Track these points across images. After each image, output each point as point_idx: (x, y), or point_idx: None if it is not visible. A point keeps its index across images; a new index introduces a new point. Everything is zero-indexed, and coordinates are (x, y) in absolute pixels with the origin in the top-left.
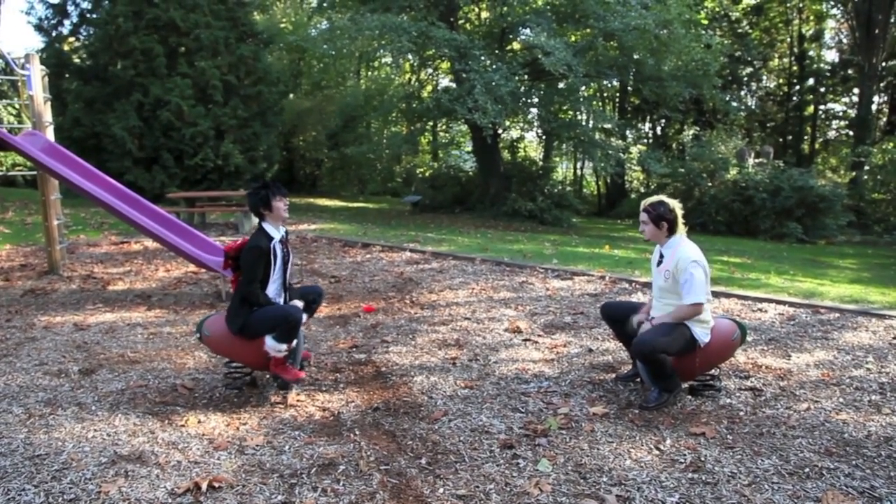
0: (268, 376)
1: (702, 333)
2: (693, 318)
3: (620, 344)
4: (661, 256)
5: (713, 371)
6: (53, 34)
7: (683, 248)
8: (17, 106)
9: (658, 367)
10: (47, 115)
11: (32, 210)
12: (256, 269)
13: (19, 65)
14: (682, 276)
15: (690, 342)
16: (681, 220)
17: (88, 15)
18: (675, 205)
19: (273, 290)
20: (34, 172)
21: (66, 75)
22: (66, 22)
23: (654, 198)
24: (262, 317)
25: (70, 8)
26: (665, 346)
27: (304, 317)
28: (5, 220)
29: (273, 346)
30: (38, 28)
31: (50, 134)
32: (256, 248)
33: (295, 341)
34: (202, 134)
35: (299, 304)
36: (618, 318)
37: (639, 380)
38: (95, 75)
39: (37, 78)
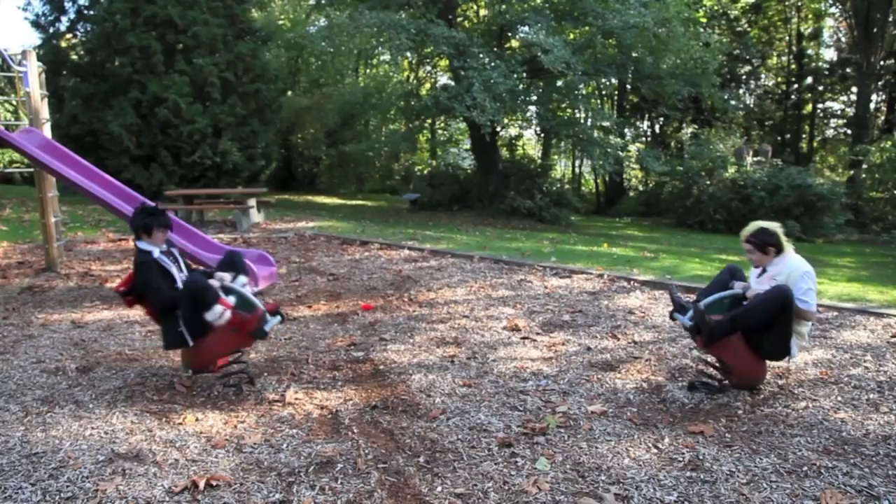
0: (266, 374)
1: (795, 347)
2: (801, 322)
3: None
4: (763, 270)
5: (714, 372)
6: (51, 31)
7: (796, 259)
8: (14, 103)
9: (750, 315)
10: (44, 112)
11: (30, 207)
12: (156, 281)
13: (16, 61)
14: (800, 282)
15: (784, 347)
16: (784, 238)
17: (86, 11)
18: (776, 227)
19: None
20: (31, 170)
21: (64, 72)
22: (64, 18)
23: (753, 226)
24: (183, 311)
25: (67, 4)
26: (793, 310)
27: (242, 279)
28: (3, 217)
29: (212, 316)
30: (36, 24)
31: (47, 131)
32: (143, 264)
33: (231, 297)
34: (200, 131)
35: (223, 274)
36: (736, 276)
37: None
38: (93, 72)
39: (34, 74)
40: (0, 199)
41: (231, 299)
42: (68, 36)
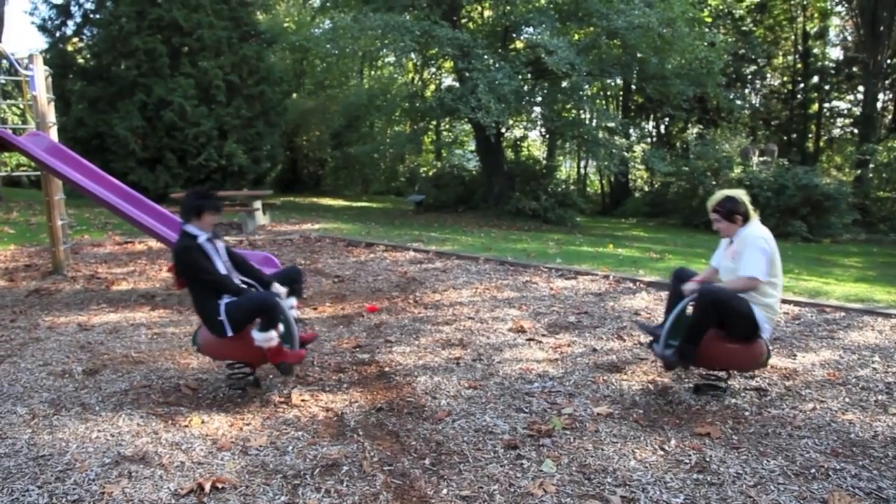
0: (271, 377)
1: (765, 320)
2: (749, 290)
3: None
4: (730, 242)
5: (723, 374)
6: (57, 34)
7: (755, 228)
8: (20, 106)
9: (700, 324)
10: (51, 115)
11: (37, 210)
12: (202, 264)
13: (23, 65)
14: (746, 252)
15: (752, 325)
16: (751, 208)
17: (92, 15)
18: (742, 194)
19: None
20: (38, 173)
21: (70, 76)
22: (70, 22)
23: (719, 195)
24: (238, 307)
25: (73, 8)
26: (728, 301)
27: (293, 300)
28: (10, 220)
29: (262, 338)
30: (42, 28)
31: (53, 134)
32: (185, 249)
33: (282, 325)
34: (205, 134)
35: (280, 289)
36: (685, 279)
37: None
38: (99, 75)
39: (40, 78)
40: (7, 203)
41: (280, 328)
42: (74, 40)
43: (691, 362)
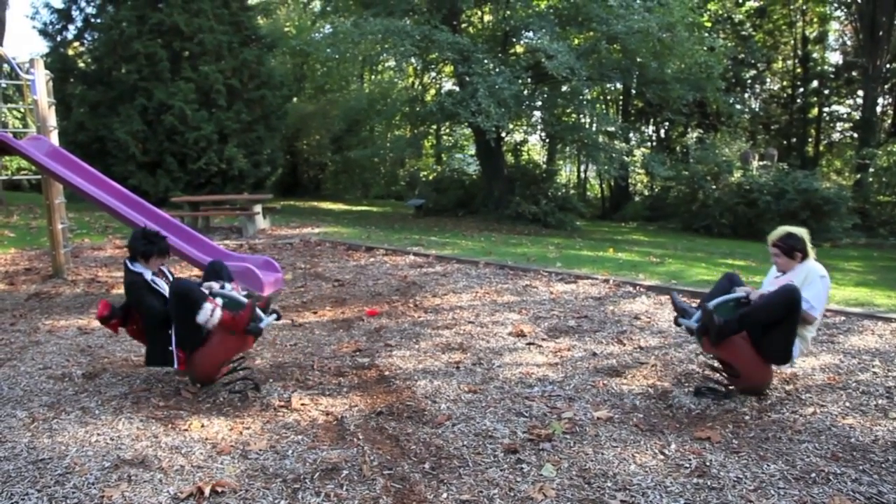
0: (271, 381)
1: (796, 350)
2: (803, 322)
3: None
4: (782, 273)
5: (721, 377)
6: (58, 39)
7: (816, 265)
8: (21, 110)
9: (759, 313)
10: (52, 119)
11: (37, 214)
12: (149, 299)
13: (24, 69)
14: (810, 285)
15: (787, 350)
16: (809, 245)
17: (93, 20)
18: (803, 233)
19: None
20: (39, 176)
21: (71, 80)
22: (71, 27)
23: (781, 231)
24: (175, 324)
25: (74, 13)
26: (797, 311)
27: (225, 284)
28: (10, 224)
29: (204, 315)
30: (43, 33)
31: (54, 138)
32: (134, 284)
33: (218, 298)
34: (206, 138)
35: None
36: (736, 283)
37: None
38: (99, 80)
39: (41, 82)
40: (8, 206)
41: (218, 300)
42: (76, 44)
43: (721, 339)
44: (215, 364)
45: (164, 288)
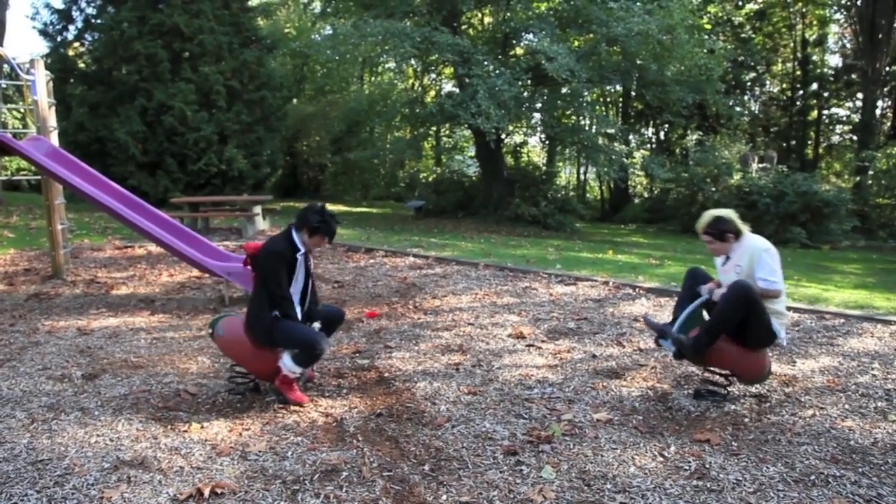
0: (270, 382)
1: (778, 325)
2: (769, 299)
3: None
4: (727, 258)
5: (721, 379)
6: (58, 39)
7: (753, 240)
8: (21, 110)
9: (724, 317)
10: (52, 119)
11: (36, 214)
12: (280, 274)
13: (24, 70)
14: (757, 262)
15: (769, 331)
16: (739, 222)
17: (93, 20)
18: (729, 213)
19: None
20: (38, 177)
21: (71, 80)
22: (71, 27)
23: (707, 217)
24: (288, 333)
25: (75, 13)
26: (758, 300)
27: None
28: (10, 224)
29: (289, 367)
30: (44, 33)
31: (54, 139)
32: (276, 254)
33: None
34: (206, 139)
35: (316, 326)
36: (700, 280)
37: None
38: (100, 80)
39: (41, 83)
40: (7, 206)
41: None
42: (76, 44)
43: (701, 355)
44: (238, 359)
45: (301, 273)
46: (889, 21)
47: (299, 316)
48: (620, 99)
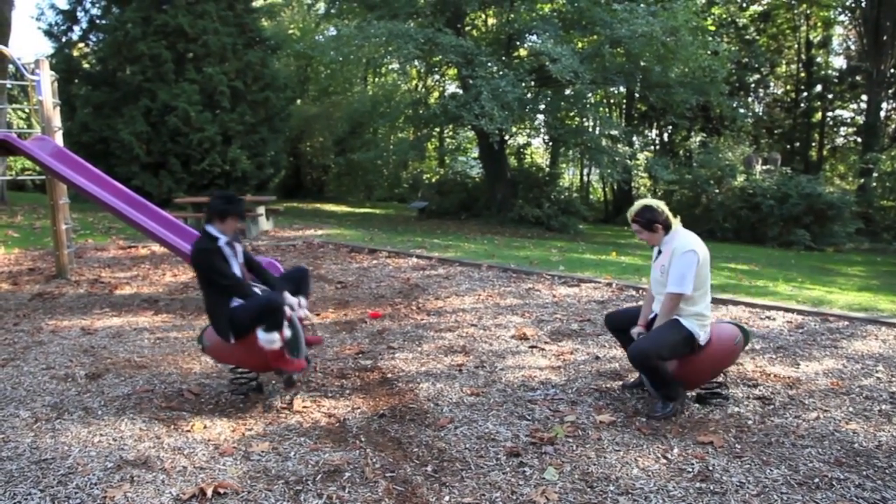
0: (273, 382)
1: (698, 328)
2: (677, 309)
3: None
4: (659, 252)
5: (720, 378)
6: (63, 40)
7: (679, 239)
8: (26, 111)
9: (655, 374)
10: (56, 120)
11: (41, 214)
12: (218, 267)
13: (29, 70)
14: (671, 266)
15: (687, 340)
16: (671, 216)
17: (98, 21)
18: (659, 203)
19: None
20: (43, 177)
21: (76, 80)
22: (76, 28)
23: (638, 205)
24: (244, 311)
25: (80, 14)
26: (658, 350)
27: (302, 300)
28: (14, 224)
29: (266, 339)
30: (48, 34)
31: (59, 139)
32: (203, 251)
33: (289, 330)
34: (209, 139)
35: (290, 299)
36: (621, 327)
37: (645, 389)
38: (104, 81)
39: (46, 83)
40: (12, 206)
41: (287, 332)
42: (80, 45)
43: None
44: (230, 359)
45: (234, 256)
46: (894, 23)
47: (259, 292)
48: (624, 100)
